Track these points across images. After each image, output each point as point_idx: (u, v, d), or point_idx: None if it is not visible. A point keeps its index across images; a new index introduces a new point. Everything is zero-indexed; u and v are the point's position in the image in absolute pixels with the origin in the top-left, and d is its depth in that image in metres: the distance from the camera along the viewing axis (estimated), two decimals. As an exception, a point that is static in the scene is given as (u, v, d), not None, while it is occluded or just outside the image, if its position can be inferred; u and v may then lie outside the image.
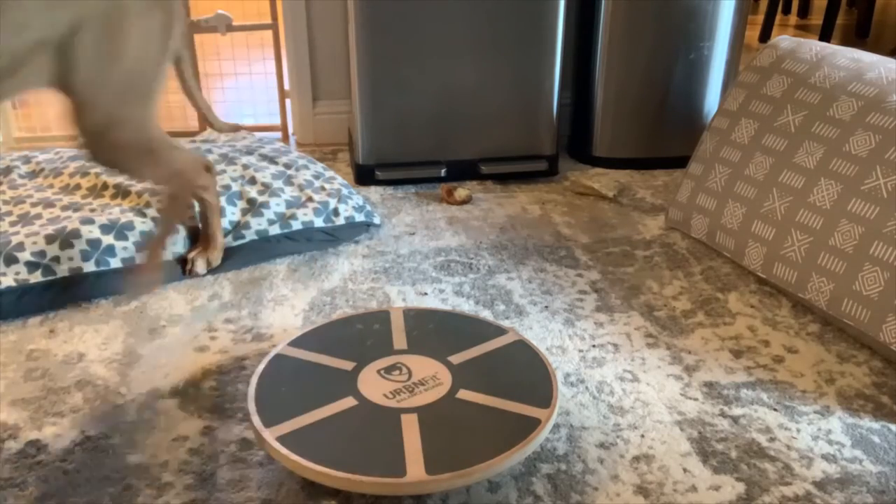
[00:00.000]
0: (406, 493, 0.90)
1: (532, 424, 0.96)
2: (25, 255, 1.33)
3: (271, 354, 1.09)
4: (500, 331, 1.17)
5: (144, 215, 1.45)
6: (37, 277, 1.32)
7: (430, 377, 1.06)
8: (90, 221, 1.41)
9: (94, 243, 1.38)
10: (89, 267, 1.36)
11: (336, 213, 1.59)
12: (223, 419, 1.08)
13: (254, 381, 1.04)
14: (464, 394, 1.02)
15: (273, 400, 1.00)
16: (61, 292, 1.34)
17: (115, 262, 1.39)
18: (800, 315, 1.35)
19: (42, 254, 1.34)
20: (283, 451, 0.91)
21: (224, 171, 1.61)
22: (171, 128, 2.06)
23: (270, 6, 2.15)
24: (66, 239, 1.36)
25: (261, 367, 1.07)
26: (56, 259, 1.34)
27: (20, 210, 1.49)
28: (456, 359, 1.10)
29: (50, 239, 1.36)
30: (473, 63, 1.85)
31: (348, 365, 1.08)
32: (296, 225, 1.54)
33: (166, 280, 1.43)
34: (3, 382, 1.15)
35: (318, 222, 1.57)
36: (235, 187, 1.56)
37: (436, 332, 1.17)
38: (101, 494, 0.94)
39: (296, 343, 1.12)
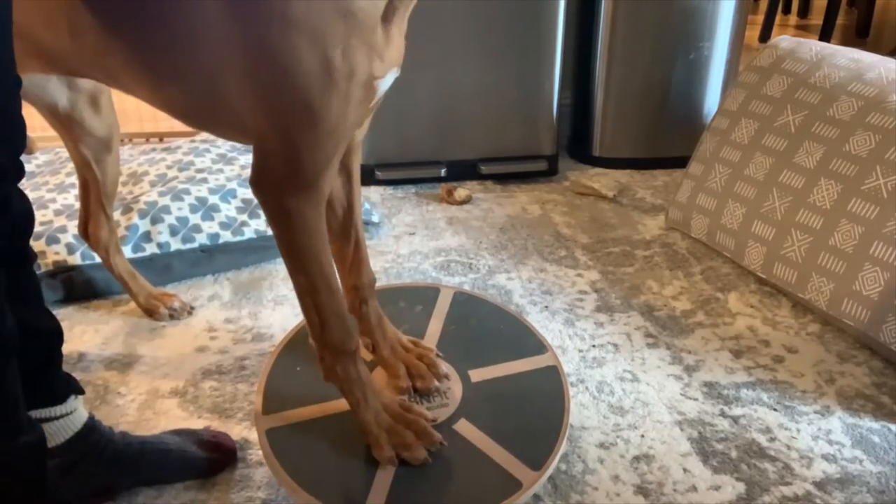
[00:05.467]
0: None
1: (512, 488, 0.87)
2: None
3: (301, 323, 1.11)
4: (540, 348, 1.09)
5: (131, 209, 1.45)
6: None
7: (440, 394, 1.01)
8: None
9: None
10: (75, 260, 1.36)
11: None
12: (223, 419, 1.08)
13: (278, 349, 1.07)
14: (462, 425, 0.97)
15: (284, 378, 1.01)
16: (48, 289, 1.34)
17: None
18: (800, 315, 1.35)
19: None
20: (266, 447, 0.92)
21: (222, 171, 1.61)
22: (169, 128, 2.05)
23: (270, 6, 2.15)
24: (52, 234, 1.37)
25: (289, 334, 1.10)
26: (41, 253, 1.34)
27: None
28: (476, 375, 1.05)
29: (36, 236, 1.36)
30: (473, 63, 1.85)
31: (367, 356, 1.03)
32: None
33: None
34: (2, 382, 1.15)
35: None
36: (231, 186, 1.56)
37: (474, 331, 1.12)
38: (101, 494, 0.94)
39: None
